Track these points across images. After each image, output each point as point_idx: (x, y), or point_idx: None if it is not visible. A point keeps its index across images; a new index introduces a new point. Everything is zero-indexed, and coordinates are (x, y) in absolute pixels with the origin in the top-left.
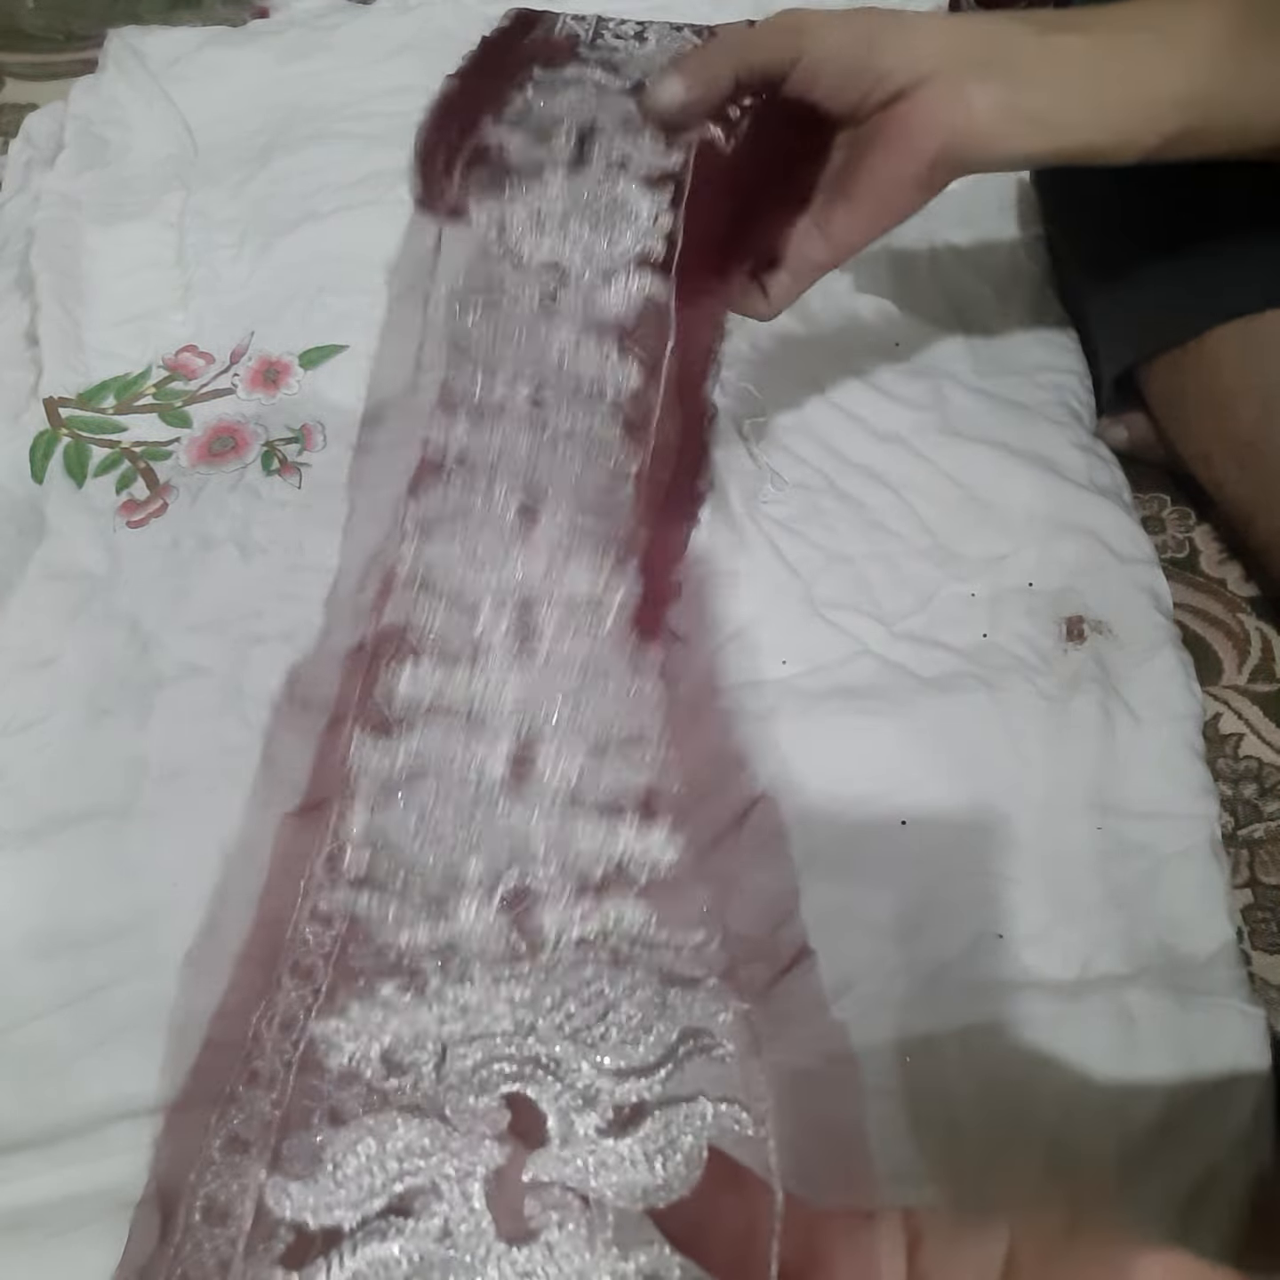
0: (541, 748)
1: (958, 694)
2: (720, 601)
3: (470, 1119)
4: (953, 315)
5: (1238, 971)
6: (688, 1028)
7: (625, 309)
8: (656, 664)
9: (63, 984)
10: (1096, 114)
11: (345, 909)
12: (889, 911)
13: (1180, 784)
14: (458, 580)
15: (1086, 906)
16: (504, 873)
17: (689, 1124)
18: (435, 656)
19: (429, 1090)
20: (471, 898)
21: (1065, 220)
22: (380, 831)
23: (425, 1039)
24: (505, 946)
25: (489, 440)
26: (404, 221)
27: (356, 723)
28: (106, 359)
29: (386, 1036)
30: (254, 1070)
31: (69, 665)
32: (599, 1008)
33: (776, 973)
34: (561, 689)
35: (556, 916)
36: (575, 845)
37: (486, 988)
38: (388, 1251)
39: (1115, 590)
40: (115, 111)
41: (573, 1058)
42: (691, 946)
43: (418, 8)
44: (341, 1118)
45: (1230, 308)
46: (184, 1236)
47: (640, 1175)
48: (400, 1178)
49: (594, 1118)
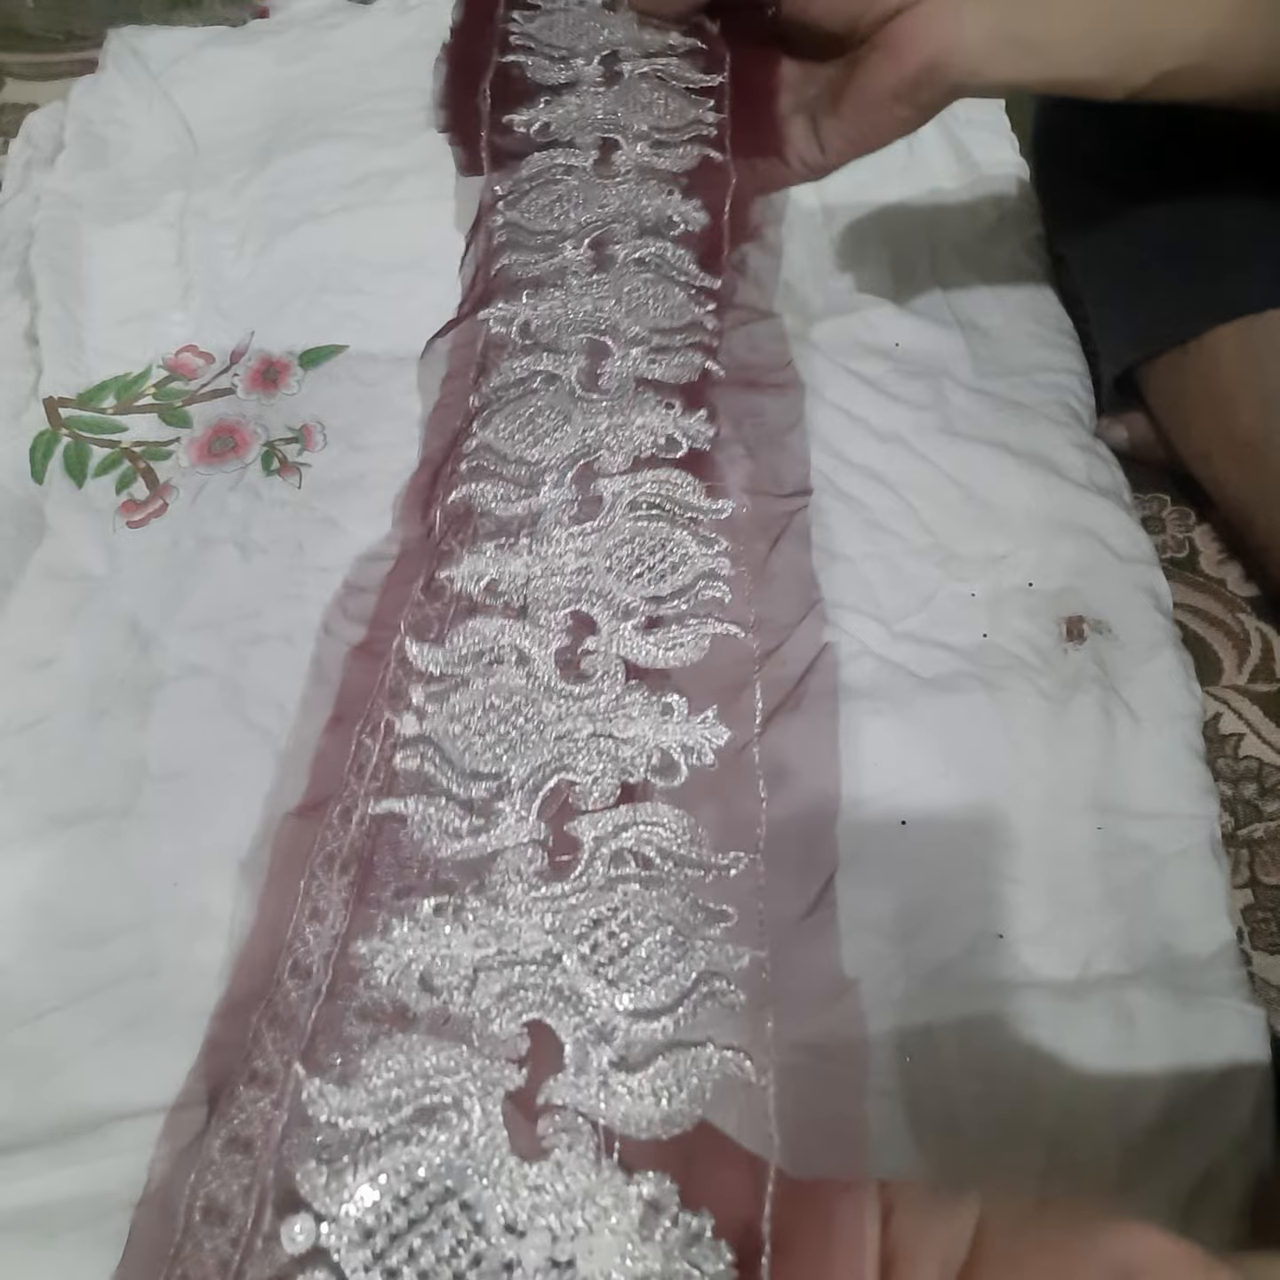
0: (593, 640)
1: (958, 694)
2: None
3: (493, 1043)
4: (953, 315)
5: (1238, 971)
6: (704, 971)
7: (681, 167)
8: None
9: (63, 984)
10: (1090, 46)
11: (388, 819)
12: (889, 911)
13: (1180, 784)
14: (518, 454)
15: (1086, 906)
16: (546, 779)
17: (696, 1066)
18: (492, 545)
19: (458, 1012)
20: (512, 804)
21: (1065, 221)
22: (427, 737)
23: (459, 964)
24: (541, 861)
25: (553, 301)
26: (404, 221)
27: (407, 628)
28: (106, 359)
29: (424, 959)
30: (254, 1070)
31: (69, 665)
32: (623, 941)
33: (805, 906)
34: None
35: (594, 825)
36: (623, 733)
37: (520, 910)
38: (410, 1156)
39: (1115, 590)
40: (115, 111)
41: (594, 993)
42: (721, 866)
43: (418, 8)
44: (376, 1034)
45: (1230, 308)
46: (184, 1236)
47: (647, 1109)
48: (426, 1093)
49: (608, 1051)
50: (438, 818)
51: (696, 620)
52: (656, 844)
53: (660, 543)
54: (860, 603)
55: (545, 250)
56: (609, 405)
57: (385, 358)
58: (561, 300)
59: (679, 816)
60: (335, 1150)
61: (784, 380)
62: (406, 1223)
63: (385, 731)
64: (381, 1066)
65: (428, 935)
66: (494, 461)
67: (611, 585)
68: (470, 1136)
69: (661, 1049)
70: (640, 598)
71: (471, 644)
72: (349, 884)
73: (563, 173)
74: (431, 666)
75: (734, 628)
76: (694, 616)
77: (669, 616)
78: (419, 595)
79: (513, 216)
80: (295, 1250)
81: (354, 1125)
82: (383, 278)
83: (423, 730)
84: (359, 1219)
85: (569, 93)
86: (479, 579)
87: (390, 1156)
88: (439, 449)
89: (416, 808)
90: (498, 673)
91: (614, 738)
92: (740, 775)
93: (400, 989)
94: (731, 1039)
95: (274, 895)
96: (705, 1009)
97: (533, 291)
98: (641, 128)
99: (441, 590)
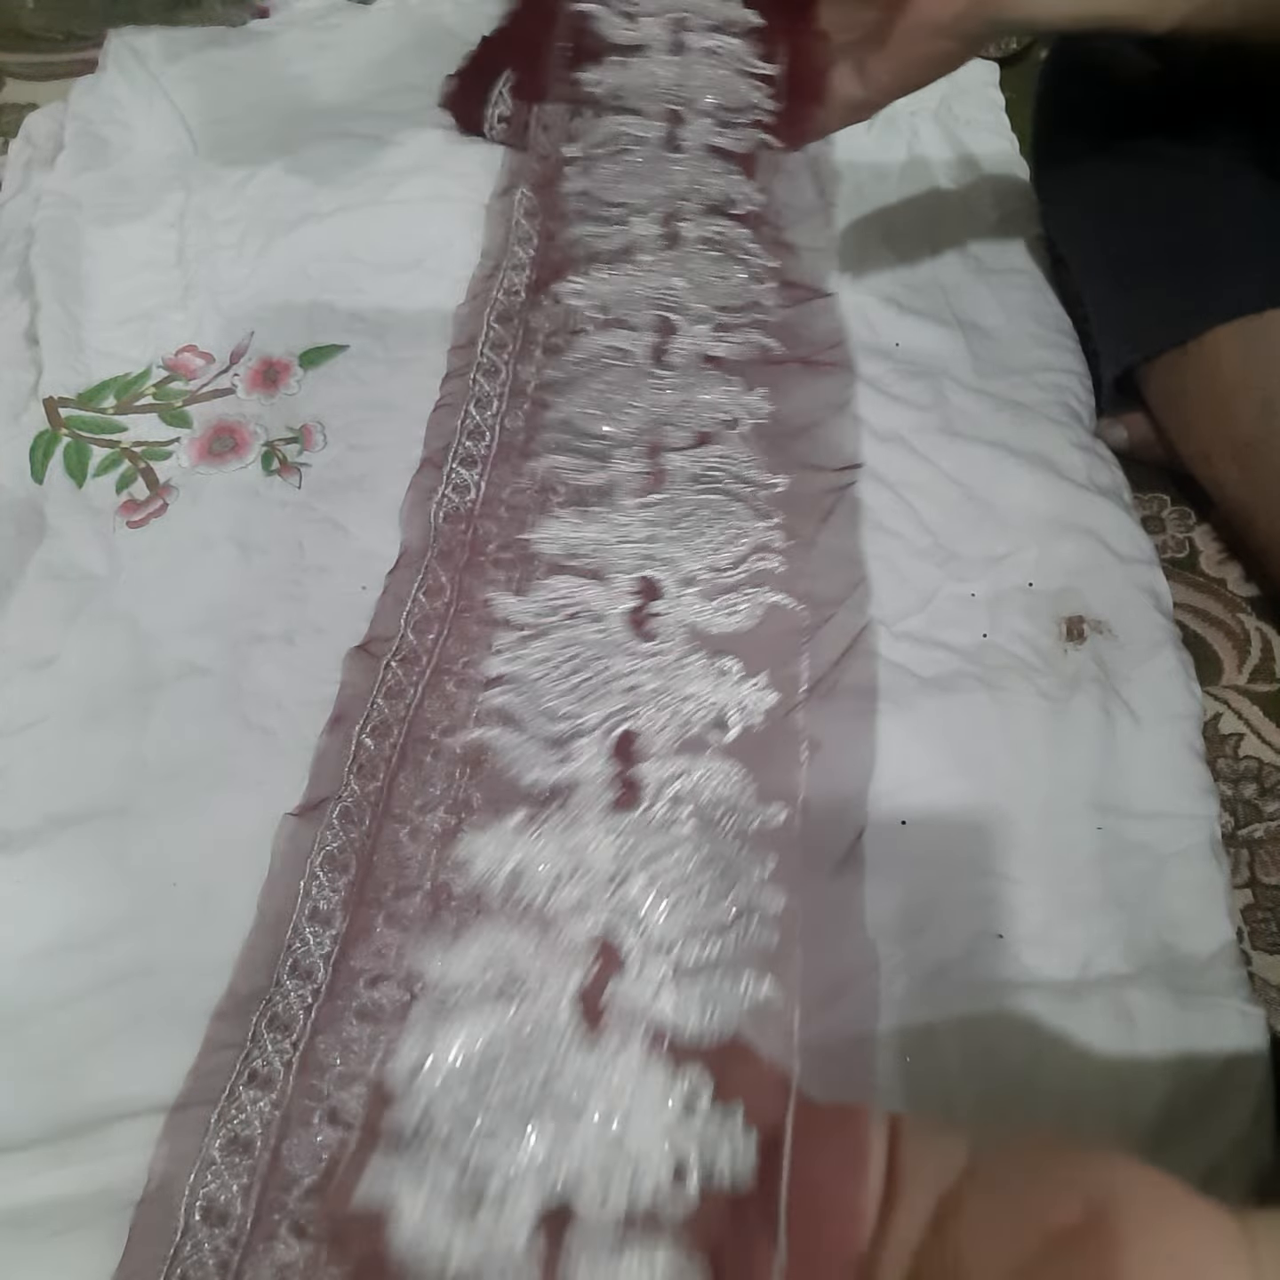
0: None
1: (958, 694)
2: None
3: (566, 944)
4: (953, 315)
5: (1238, 971)
6: (745, 907)
7: (741, 148)
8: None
9: (63, 984)
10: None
11: (483, 744)
12: (890, 911)
13: (1180, 784)
14: (593, 428)
15: (1086, 906)
16: (616, 726)
17: (734, 989)
18: (569, 512)
19: (538, 914)
20: (588, 744)
21: (1065, 222)
22: (514, 677)
23: (541, 872)
24: (612, 796)
25: (626, 278)
26: (404, 221)
27: (499, 582)
28: (106, 359)
29: (514, 860)
30: (254, 1070)
31: (69, 665)
32: (678, 873)
33: (835, 861)
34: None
35: (656, 769)
36: (684, 690)
37: (593, 836)
38: (487, 1023)
39: (1115, 590)
40: (115, 111)
41: (652, 914)
42: (766, 815)
43: (418, 8)
44: (468, 919)
45: (1230, 308)
46: (184, 1236)
47: (691, 1017)
48: (505, 976)
49: (663, 965)
50: (523, 748)
51: (752, 590)
52: (710, 791)
53: (719, 514)
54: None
55: (616, 224)
56: (676, 382)
57: (385, 358)
58: (633, 276)
59: (730, 768)
60: (433, 1010)
61: (836, 358)
62: (484, 1084)
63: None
64: (466, 951)
65: (518, 842)
66: (572, 435)
67: (676, 553)
68: (538, 1020)
69: (707, 969)
70: (702, 566)
71: (552, 600)
72: (349, 884)
73: (632, 142)
74: (516, 616)
75: (787, 599)
76: (751, 586)
77: (727, 585)
78: (498, 554)
79: (585, 185)
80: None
81: (452, 985)
82: (383, 278)
83: (509, 671)
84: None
85: (637, 55)
86: (558, 542)
87: (473, 1021)
88: (439, 449)
89: (505, 737)
90: (575, 626)
91: (675, 694)
92: (785, 736)
93: (492, 883)
94: (765, 970)
95: (274, 895)
96: (745, 941)
97: (604, 266)
98: (705, 103)
99: (524, 549)
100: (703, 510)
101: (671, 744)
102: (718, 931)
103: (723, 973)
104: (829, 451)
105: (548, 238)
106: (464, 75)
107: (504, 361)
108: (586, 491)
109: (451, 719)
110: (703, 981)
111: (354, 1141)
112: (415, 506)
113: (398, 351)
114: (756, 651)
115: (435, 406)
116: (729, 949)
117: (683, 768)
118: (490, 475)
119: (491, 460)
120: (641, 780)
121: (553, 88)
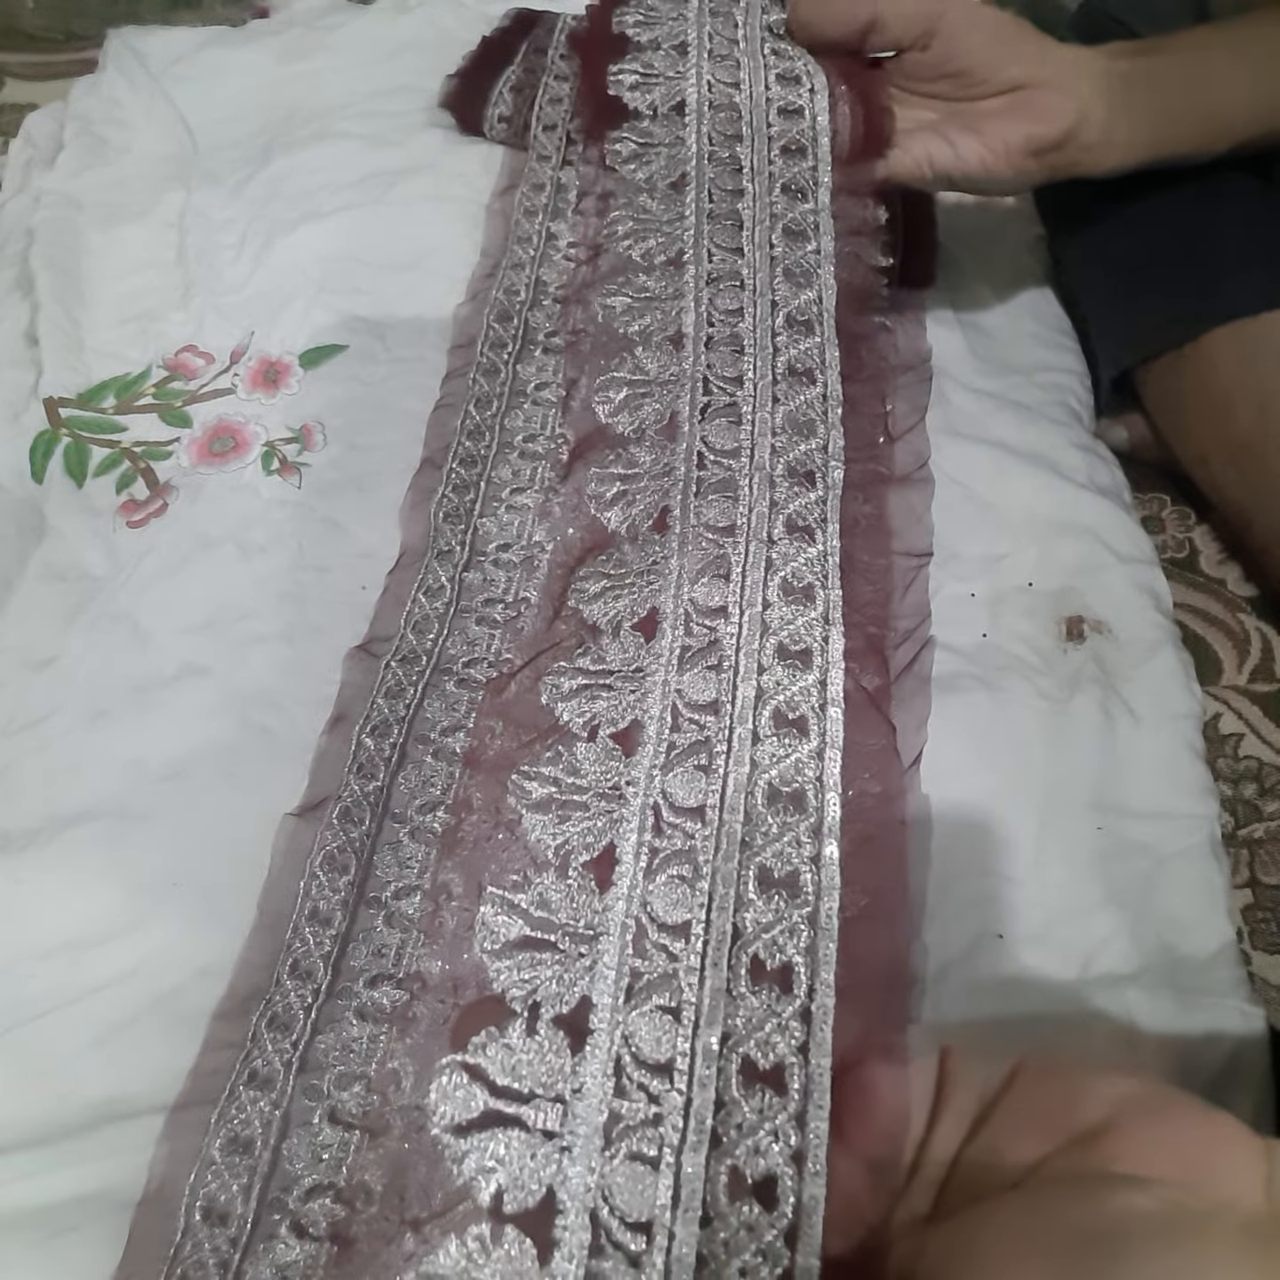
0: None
1: (958, 694)
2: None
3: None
4: (953, 315)
5: (1238, 971)
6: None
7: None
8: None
9: (63, 984)
10: (1179, 127)
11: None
12: None
13: (1180, 784)
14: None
15: (1087, 906)
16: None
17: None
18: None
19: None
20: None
21: (1063, 224)
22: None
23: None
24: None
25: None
26: (404, 221)
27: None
28: (106, 359)
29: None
30: (254, 1070)
31: (69, 665)
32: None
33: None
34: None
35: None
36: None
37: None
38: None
39: (1115, 590)
40: (115, 111)
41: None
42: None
43: (418, 8)
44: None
45: (1227, 310)
46: (184, 1237)
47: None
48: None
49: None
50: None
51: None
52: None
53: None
54: None
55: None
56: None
57: (385, 358)
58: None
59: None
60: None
61: (919, 361)
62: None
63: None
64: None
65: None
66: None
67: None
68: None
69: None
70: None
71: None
72: (349, 884)
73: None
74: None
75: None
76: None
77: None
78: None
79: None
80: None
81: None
82: (383, 278)
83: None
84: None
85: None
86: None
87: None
88: (439, 449)
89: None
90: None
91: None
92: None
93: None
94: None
95: (274, 895)
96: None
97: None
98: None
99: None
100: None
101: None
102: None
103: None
104: (912, 452)
105: (593, 244)
106: (464, 75)
107: (504, 361)
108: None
109: (451, 719)
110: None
111: None
112: (415, 506)
113: (398, 351)
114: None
115: (435, 406)
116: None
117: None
118: (490, 475)
119: (491, 460)
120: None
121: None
